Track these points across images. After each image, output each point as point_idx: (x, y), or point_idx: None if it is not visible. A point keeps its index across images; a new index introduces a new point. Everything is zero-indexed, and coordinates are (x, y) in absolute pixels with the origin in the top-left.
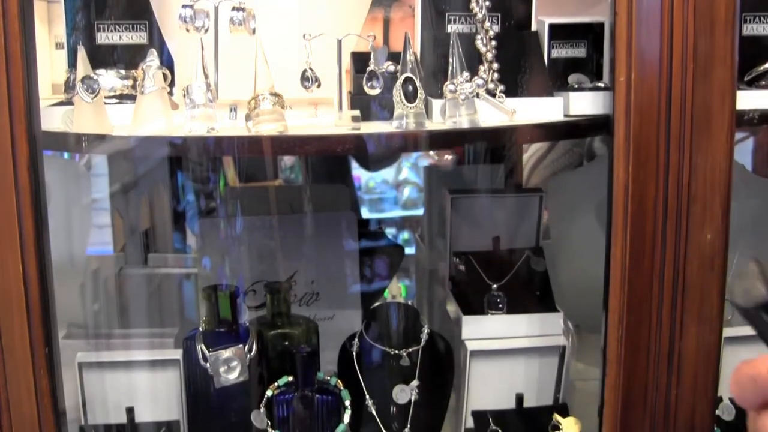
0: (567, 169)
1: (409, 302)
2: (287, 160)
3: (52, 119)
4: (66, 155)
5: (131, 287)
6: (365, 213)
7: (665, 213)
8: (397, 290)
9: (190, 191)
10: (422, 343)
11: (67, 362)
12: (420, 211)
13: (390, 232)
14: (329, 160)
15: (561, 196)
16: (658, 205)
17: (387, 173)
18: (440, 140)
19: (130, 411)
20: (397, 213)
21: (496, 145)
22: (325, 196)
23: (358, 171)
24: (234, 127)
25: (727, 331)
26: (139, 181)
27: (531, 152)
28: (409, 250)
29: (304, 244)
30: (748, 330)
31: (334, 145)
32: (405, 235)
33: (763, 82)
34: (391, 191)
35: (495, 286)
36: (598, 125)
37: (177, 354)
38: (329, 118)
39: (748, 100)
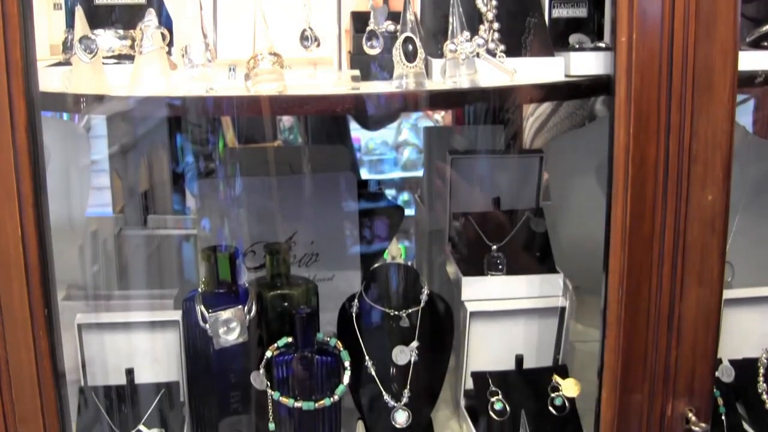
0: (569, 130)
1: (409, 263)
2: (286, 121)
3: (51, 80)
4: (65, 116)
5: (131, 248)
6: (365, 174)
7: (666, 174)
8: (396, 251)
9: (189, 153)
10: (422, 304)
11: (66, 324)
12: (420, 173)
13: (390, 193)
14: (328, 121)
15: (562, 157)
16: (659, 166)
17: (387, 134)
18: (440, 100)
19: (129, 372)
20: (397, 174)
21: (496, 106)
22: (325, 157)
23: (357, 132)
24: (233, 87)
25: (727, 293)
26: (138, 142)
27: (534, 114)
28: (410, 212)
29: (303, 205)
30: (747, 292)
31: (333, 105)
32: (405, 196)
33: (766, 43)
34: (391, 152)
35: (495, 247)
36: (599, 86)
37: (177, 315)
38: (329, 78)
39: (751, 61)
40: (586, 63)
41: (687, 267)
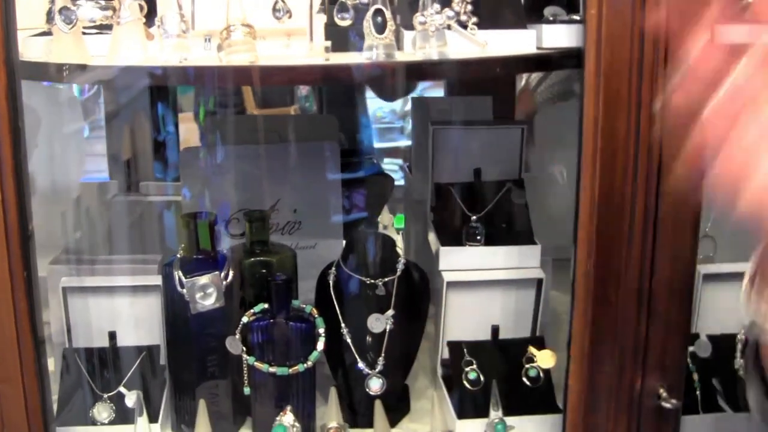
0: (557, 101)
1: (399, 233)
2: (303, 88)
3: (34, 49)
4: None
5: (118, 215)
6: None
7: (636, 147)
8: (388, 220)
9: (171, 122)
10: (398, 273)
11: (53, 287)
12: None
13: (397, 162)
14: (344, 90)
15: (548, 128)
16: (630, 140)
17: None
18: (409, 71)
19: (112, 335)
20: (392, 144)
21: (465, 77)
22: (313, 126)
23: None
24: (207, 57)
25: (709, 268)
26: (120, 111)
27: (525, 84)
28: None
29: (287, 173)
30: (730, 267)
31: (301, 76)
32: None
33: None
34: (398, 122)
35: (474, 217)
36: (570, 59)
37: (157, 280)
38: (302, 49)
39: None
40: (558, 36)
41: (659, 241)
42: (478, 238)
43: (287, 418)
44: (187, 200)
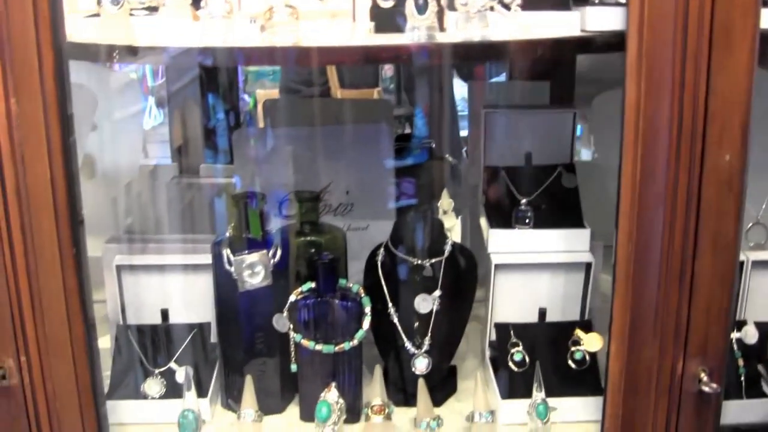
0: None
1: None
2: (387, 70)
3: (86, 30)
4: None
5: (175, 197)
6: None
7: (679, 132)
8: (448, 205)
9: (221, 108)
10: (445, 255)
11: (109, 266)
12: None
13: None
14: (430, 72)
15: (605, 113)
16: (672, 124)
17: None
18: (449, 53)
19: (164, 313)
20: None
21: (504, 59)
22: (367, 109)
23: None
24: (251, 38)
25: (759, 255)
26: (172, 96)
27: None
28: None
29: (340, 155)
30: None
31: (343, 57)
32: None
33: None
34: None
35: (524, 201)
36: (613, 41)
37: (208, 259)
38: (345, 29)
39: None
40: (602, 18)
41: (701, 226)
42: (528, 221)
43: (332, 395)
44: (243, 182)
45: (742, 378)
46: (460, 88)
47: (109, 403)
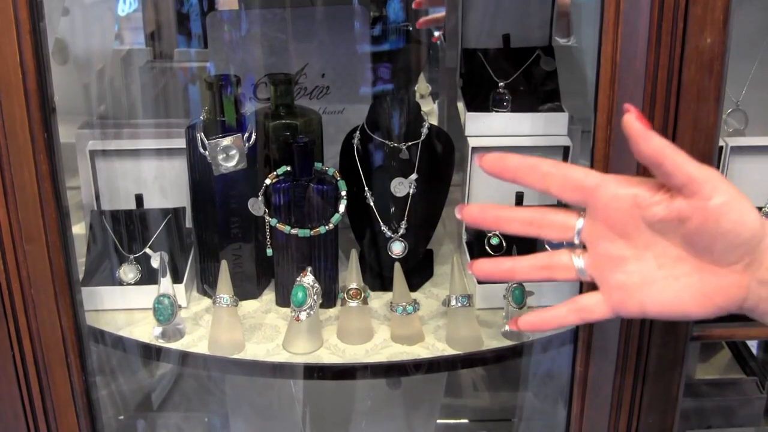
0: None
1: (435, 101)
2: None
3: None
4: None
5: (147, 81)
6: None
7: (661, 13)
8: (425, 89)
9: None
10: (422, 138)
11: (82, 152)
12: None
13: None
14: None
15: None
16: (654, 4)
17: None
18: None
19: (139, 198)
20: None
21: None
22: None
23: None
24: None
25: (737, 141)
26: None
27: None
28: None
29: (315, 37)
30: (759, 141)
31: None
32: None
33: None
34: None
35: (501, 83)
36: None
37: (182, 143)
38: None
39: None
40: None
41: (681, 109)
42: (505, 104)
43: (307, 279)
44: (217, 65)
45: None
46: None
47: (85, 290)
